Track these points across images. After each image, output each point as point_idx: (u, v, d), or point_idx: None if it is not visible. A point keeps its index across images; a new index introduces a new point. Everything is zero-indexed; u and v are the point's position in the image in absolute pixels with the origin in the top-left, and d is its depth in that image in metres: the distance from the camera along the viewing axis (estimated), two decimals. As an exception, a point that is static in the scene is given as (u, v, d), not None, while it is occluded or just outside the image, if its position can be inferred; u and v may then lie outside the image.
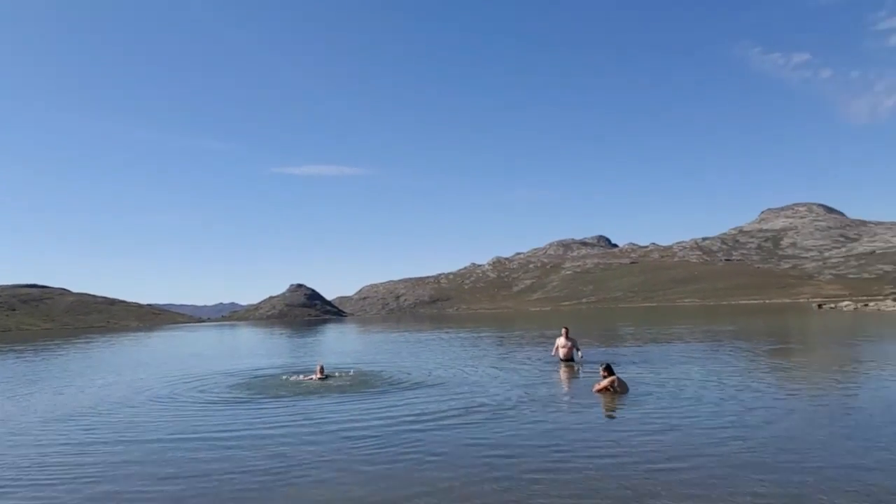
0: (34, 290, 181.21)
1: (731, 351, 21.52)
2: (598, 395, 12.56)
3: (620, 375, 13.21)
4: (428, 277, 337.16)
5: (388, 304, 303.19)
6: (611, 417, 10.58)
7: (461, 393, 13.41)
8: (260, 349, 36.40)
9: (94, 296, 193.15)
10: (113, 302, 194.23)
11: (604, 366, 13.27)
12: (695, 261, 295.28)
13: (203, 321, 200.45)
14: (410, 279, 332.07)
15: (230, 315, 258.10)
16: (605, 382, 12.77)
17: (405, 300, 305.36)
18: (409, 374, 17.35)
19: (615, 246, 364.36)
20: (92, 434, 10.38)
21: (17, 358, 34.18)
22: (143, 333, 79.10)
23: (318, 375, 16.61)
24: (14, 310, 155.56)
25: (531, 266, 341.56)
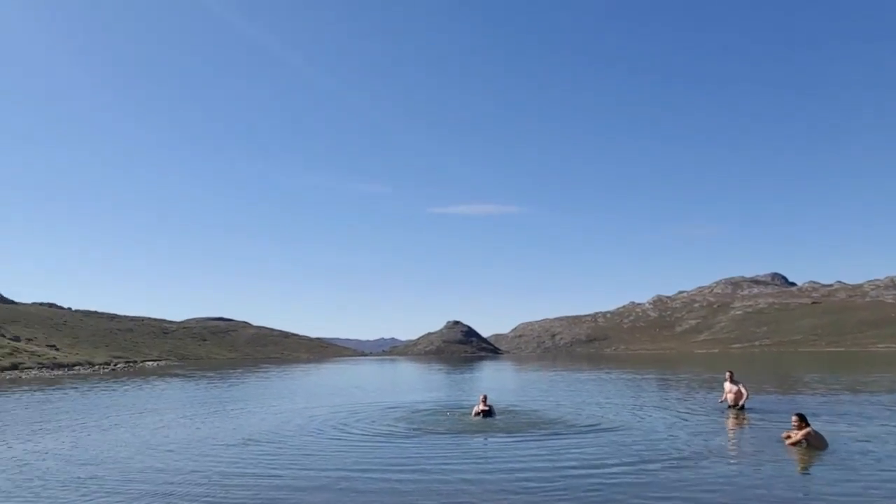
0: (221, 322, 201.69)
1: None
2: (790, 448, 11.12)
3: (815, 427, 11.62)
4: (584, 316, 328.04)
5: (543, 342, 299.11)
6: (807, 477, 9.24)
7: (631, 439, 12.52)
8: (419, 384, 37.19)
9: (271, 329, 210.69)
10: (287, 335, 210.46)
11: (797, 415, 11.73)
12: (891, 301, 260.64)
13: (366, 355, 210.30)
14: (566, 317, 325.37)
15: (390, 350, 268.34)
16: (799, 435, 11.27)
17: (561, 339, 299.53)
18: (573, 415, 16.63)
19: (793, 284, 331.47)
20: (270, 462, 10.91)
21: (208, 384, 37.81)
22: (312, 365, 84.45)
23: (482, 406, 16.37)
24: (205, 340, 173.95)
25: (696, 305, 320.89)
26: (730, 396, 17.72)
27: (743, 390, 17.65)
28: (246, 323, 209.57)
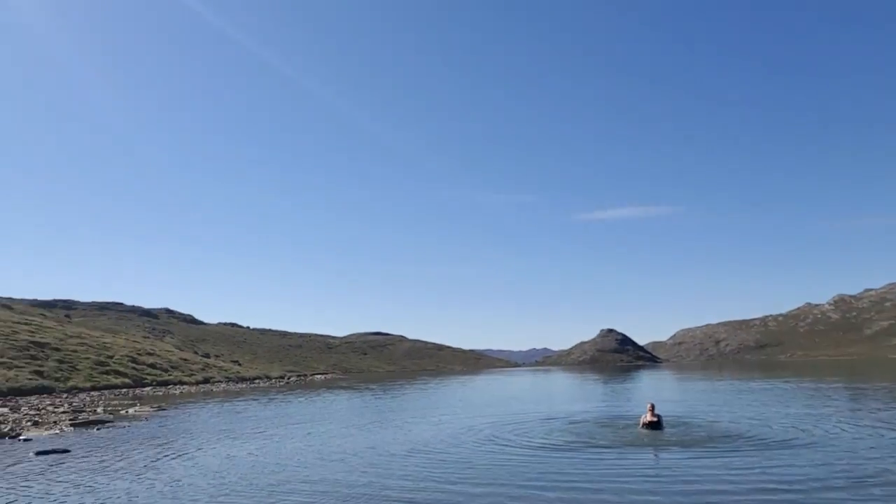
0: (379, 337, 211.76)
1: None
2: None
3: None
4: (752, 320, 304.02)
5: (706, 349, 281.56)
6: None
7: (831, 457, 11.11)
8: (575, 394, 36.26)
9: (425, 342, 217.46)
10: (441, 347, 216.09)
11: None
12: None
13: (518, 366, 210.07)
14: (731, 322, 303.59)
15: (542, 360, 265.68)
16: None
17: (726, 345, 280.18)
18: (756, 428, 15.20)
19: None
20: (433, 474, 10.99)
21: (372, 395, 39.61)
22: (467, 377, 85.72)
23: (650, 417, 15.44)
24: (365, 354, 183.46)
25: (888, 304, 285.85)
26: None
27: None
28: (402, 337, 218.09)
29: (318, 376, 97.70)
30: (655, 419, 15.33)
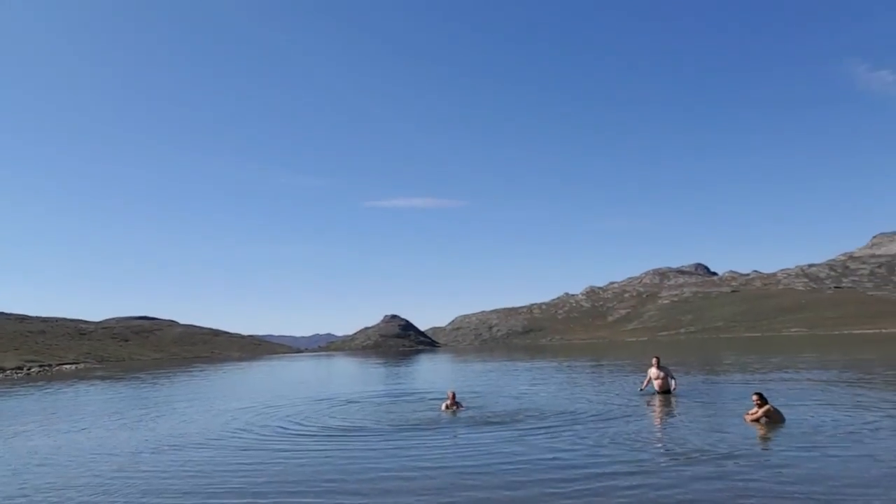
0: (145, 321, 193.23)
1: (867, 382, 19.13)
2: (751, 424, 11.65)
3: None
4: (520, 307, 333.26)
5: (480, 334, 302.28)
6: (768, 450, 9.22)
7: (585, 429, 12.25)
8: (358, 377, 36.35)
9: (199, 327, 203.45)
10: (217, 333, 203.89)
11: (757, 394, 12.13)
12: (801, 288, 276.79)
13: (301, 351, 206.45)
14: (503, 309, 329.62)
15: (327, 346, 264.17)
16: (760, 412, 11.81)
17: (498, 330, 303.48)
18: (537, 405, 16.26)
19: (714, 274, 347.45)
20: (186, 466, 10.08)
21: (137, 385, 35.76)
22: (245, 363, 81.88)
23: (450, 404, 15.30)
24: (127, 340, 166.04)
25: (626, 295, 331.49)
26: (657, 382, 17.24)
27: (669, 375, 17.34)
28: (172, 321, 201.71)
29: (68, 366, 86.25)
30: (454, 405, 15.27)
